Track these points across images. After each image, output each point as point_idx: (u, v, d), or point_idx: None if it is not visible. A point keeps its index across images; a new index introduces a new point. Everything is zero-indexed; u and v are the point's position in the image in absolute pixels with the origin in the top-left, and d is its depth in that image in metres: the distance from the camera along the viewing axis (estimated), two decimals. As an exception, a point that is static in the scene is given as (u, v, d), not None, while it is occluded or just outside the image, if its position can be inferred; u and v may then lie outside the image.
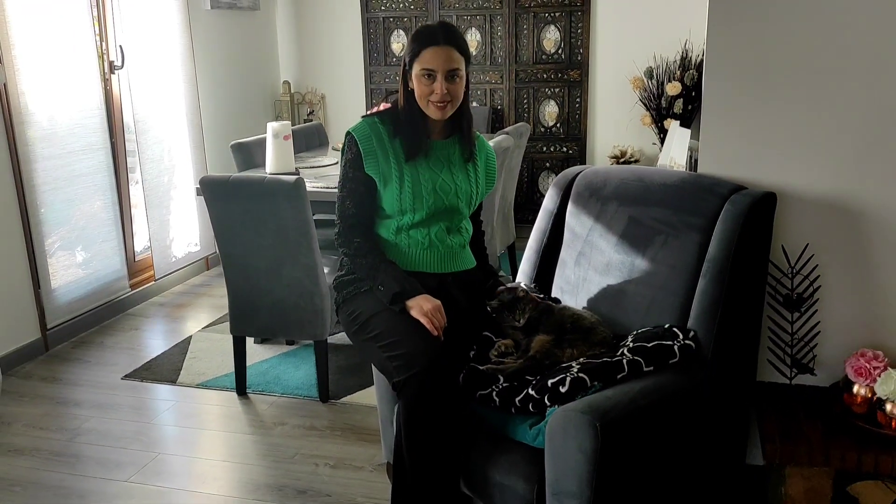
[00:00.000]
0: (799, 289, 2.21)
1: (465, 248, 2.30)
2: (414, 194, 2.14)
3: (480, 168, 2.29)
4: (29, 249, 3.60)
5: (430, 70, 2.07)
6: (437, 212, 2.18)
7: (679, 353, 1.98)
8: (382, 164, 2.15)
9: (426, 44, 2.08)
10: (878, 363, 2.07)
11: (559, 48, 5.26)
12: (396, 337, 1.98)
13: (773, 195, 2.12)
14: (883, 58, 2.06)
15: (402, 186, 2.14)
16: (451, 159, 2.22)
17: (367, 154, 2.14)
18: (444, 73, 2.07)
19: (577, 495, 1.74)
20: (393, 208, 2.17)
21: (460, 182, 2.21)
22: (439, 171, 2.19)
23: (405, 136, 2.15)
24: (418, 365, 1.89)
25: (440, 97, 2.09)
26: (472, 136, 2.25)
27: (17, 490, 2.60)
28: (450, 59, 2.07)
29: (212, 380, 3.38)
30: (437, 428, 1.90)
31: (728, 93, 2.20)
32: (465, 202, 2.24)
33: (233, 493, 2.57)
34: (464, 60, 2.12)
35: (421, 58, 2.08)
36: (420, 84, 2.10)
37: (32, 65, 3.55)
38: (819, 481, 2.03)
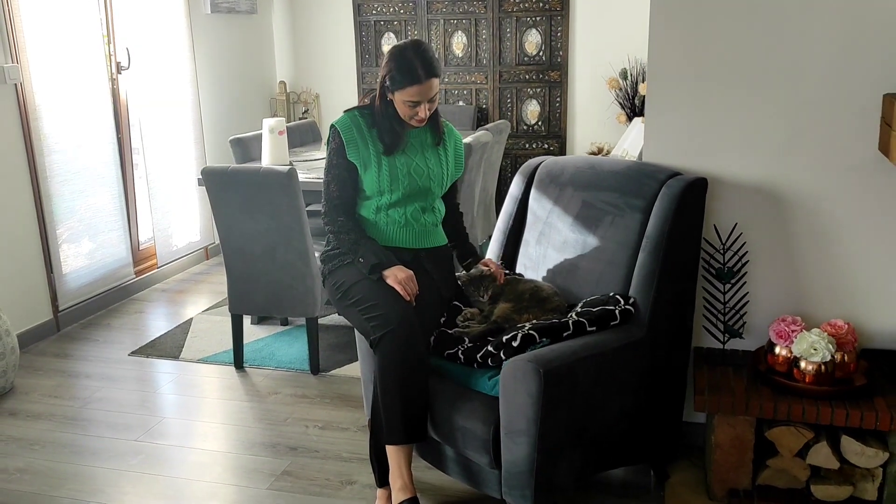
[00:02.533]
0: (729, 263, 2.51)
1: (437, 226, 2.57)
2: (391, 177, 2.41)
3: (450, 153, 2.55)
4: (42, 237, 3.89)
5: (415, 102, 2.34)
6: (412, 192, 2.44)
7: (620, 316, 2.28)
8: (363, 151, 2.41)
9: (411, 82, 2.31)
10: (796, 327, 2.36)
11: (540, 50, 5.57)
12: (373, 301, 2.28)
13: (704, 180, 2.41)
14: (803, 60, 2.35)
15: (381, 170, 2.41)
16: (424, 144, 2.48)
17: (349, 143, 2.41)
18: (425, 101, 2.35)
19: (525, 433, 2.03)
20: (373, 190, 2.43)
21: (432, 165, 2.48)
22: (413, 156, 2.45)
23: (384, 133, 2.41)
24: (392, 323, 2.19)
25: (422, 119, 2.38)
26: (441, 124, 2.52)
27: (37, 448, 2.88)
28: (430, 89, 2.34)
29: (211, 356, 3.67)
30: (407, 376, 2.19)
31: (668, 91, 2.50)
32: (437, 183, 2.50)
33: (231, 450, 2.86)
34: (438, 79, 2.37)
35: (405, 92, 2.32)
36: (404, 108, 2.36)
37: (45, 65, 3.84)
38: (742, 429, 2.32)
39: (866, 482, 2.31)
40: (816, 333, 2.29)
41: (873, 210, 2.39)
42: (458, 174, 2.61)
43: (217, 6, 5.11)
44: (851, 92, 2.33)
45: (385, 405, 2.20)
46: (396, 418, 2.19)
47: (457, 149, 2.59)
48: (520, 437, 2.05)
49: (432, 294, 2.46)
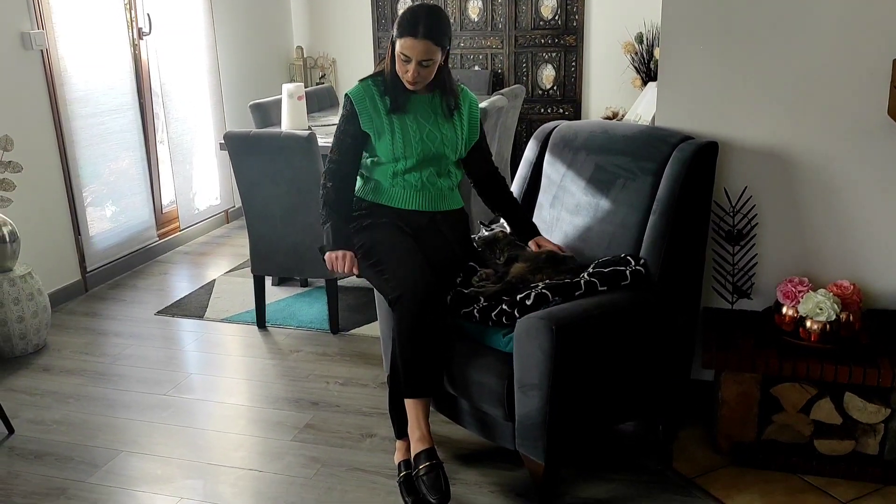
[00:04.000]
0: (739, 225, 2.57)
1: (453, 190, 2.63)
2: (405, 143, 2.45)
3: (465, 118, 2.55)
4: (70, 200, 4.00)
5: (406, 56, 2.35)
6: (427, 158, 2.48)
7: (630, 276, 2.35)
8: (375, 119, 2.45)
9: (407, 33, 2.32)
10: (803, 287, 2.43)
11: (556, 15, 5.57)
12: (392, 263, 2.37)
13: (714, 144, 2.47)
14: (814, 25, 2.39)
15: (394, 137, 2.44)
16: (436, 111, 2.50)
17: (362, 112, 2.45)
18: (417, 61, 2.34)
19: (538, 387, 2.13)
20: (388, 156, 2.47)
21: (446, 131, 2.50)
22: (426, 122, 2.48)
23: (391, 90, 2.44)
24: (408, 282, 2.28)
25: (412, 79, 2.38)
26: (452, 91, 2.51)
27: (72, 401, 3.02)
28: (425, 51, 2.33)
29: (235, 315, 3.79)
30: (423, 334, 2.28)
31: (680, 57, 2.55)
32: (451, 149, 2.52)
33: (256, 404, 2.99)
34: (439, 50, 2.37)
35: (401, 43, 2.34)
36: (398, 62, 2.38)
37: (70, 32, 3.92)
38: (748, 386, 2.41)
39: (868, 437, 2.39)
40: (822, 294, 2.36)
41: (881, 174, 2.44)
42: (475, 138, 2.62)
43: (235, -29, 5.14)
44: (861, 57, 2.36)
45: (404, 361, 2.30)
46: (414, 373, 2.29)
47: (472, 112, 2.60)
48: (533, 391, 2.14)
49: (448, 256, 2.54)
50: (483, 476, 2.48)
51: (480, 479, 2.47)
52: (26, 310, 3.35)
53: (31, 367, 3.31)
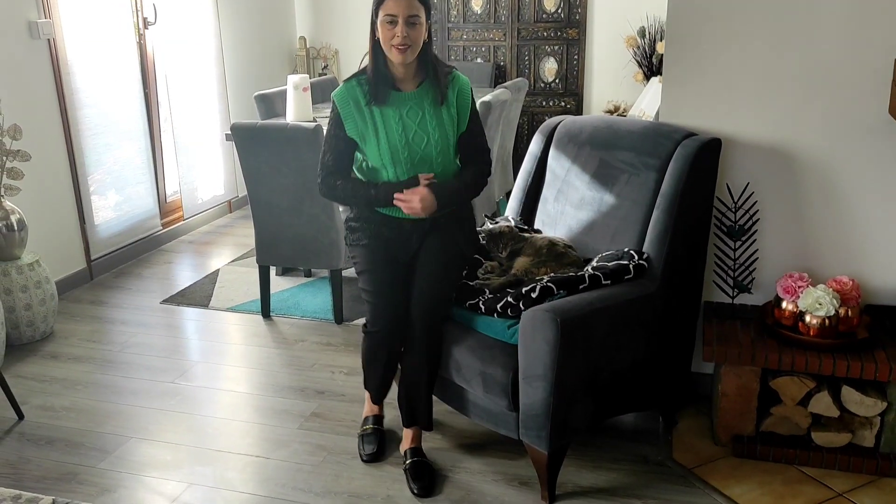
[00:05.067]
0: (741, 221, 2.61)
1: None
2: (391, 149, 2.37)
3: (453, 109, 2.44)
4: (75, 189, 4.03)
5: (392, 16, 2.28)
6: (416, 163, 2.40)
7: (633, 270, 2.39)
8: (360, 124, 2.39)
9: None
10: (803, 283, 2.48)
11: (559, 7, 5.59)
12: (371, 296, 2.46)
13: (718, 140, 2.50)
14: (817, 23, 2.42)
15: (379, 143, 2.38)
16: (425, 107, 2.40)
17: (346, 118, 2.40)
18: (404, 18, 2.27)
19: (542, 378, 2.17)
20: (377, 162, 2.41)
21: (433, 130, 2.40)
22: (413, 122, 2.39)
23: (371, 87, 2.38)
24: (378, 325, 2.45)
25: (401, 40, 2.28)
26: (443, 78, 2.42)
27: (80, 388, 3.06)
28: (410, 5, 2.28)
29: (239, 305, 3.83)
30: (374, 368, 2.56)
31: (684, 55, 2.58)
32: (442, 149, 2.42)
33: (262, 392, 3.03)
34: (423, 9, 2.31)
35: (384, 5, 2.29)
36: (384, 30, 2.30)
37: (76, 22, 3.94)
38: (748, 378, 2.46)
39: (865, 430, 2.44)
40: (822, 289, 2.40)
41: (881, 171, 2.48)
42: (461, 129, 2.47)
43: (239, -39, 5.15)
44: (864, 56, 2.40)
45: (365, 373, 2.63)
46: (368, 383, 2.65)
47: (461, 95, 2.45)
48: (537, 381, 2.19)
49: (454, 254, 2.53)
50: (487, 465, 2.53)
51: (484, 468, 2.51)
52: (34, 297, 3.39)
53: (39, 354, 3.35)
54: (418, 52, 2.36)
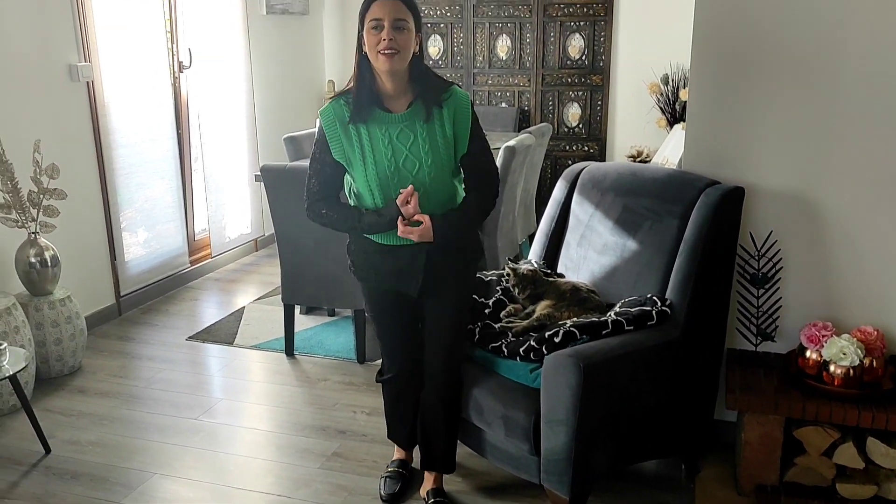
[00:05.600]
0: (764, 269, 2.62)
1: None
2: (379, 176, 2.19)
3: (448, 122, 2.22)
4: (108, 226, 4.12)
5: (377, 20, 2.12)
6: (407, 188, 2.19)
7: (656, 317, 2.41)
8: (346, 146, 2.21)
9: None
10: (827, 332, 2.47)
11: (583, 54, 5.68)
12: (383, 341, 2.54)
13: (741, 189, 2.53)
14: (841, 74, 2.45)
15: (367, 171, 2.20)
16: (417, 129, 2.21)
17: (332, 140, 2.22)
18: (390, 21, 2.11)
19: (564, 423, 2.18)
20: (364, 188, 2.23)
21: (425, 154, 2.20)
22: (404, 146, 2.20)
23: (354, 104, 2.20)
24: (392, 371, 2.54)
25: (387, 44, 2.11)
26: (434, 97, 2.22)
27: (106, 423, 3.11)
28: (396, 9, 2.12)
29: (264, 343, 3.87)
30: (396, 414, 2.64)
31: (707, 104, 2.62)
32: (436, 175, 2.21)
33: (284, 431, 3.05)
34: (411, 15, 2.16)
35: (370, 11, 2.14)
36: (370, 37, 2.14)
37: (114, 64, 4.07)
38: (771, 427, 2.44)
39: (891, 482, 2.41)
40: (846, 339, 2.40)
41: (905, 222, 2.49)
42: (461, 150, 2.25)
43: (272, 7, 5.32)
44: (887, 106, 2.43)
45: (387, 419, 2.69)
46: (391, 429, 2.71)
47: (460, 116, 2.24)
48: (559, 426, 2.19)
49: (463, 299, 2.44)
50: (507, 509, 2.52)
51: (505, 512, 2.51)
52: (64, 332, 3.46)
53: (67, 388, 3.41)
54: (407, 60, 2.17)
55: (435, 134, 2.22)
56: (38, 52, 3.63)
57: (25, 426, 2.95)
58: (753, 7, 2.49)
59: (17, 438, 2.98)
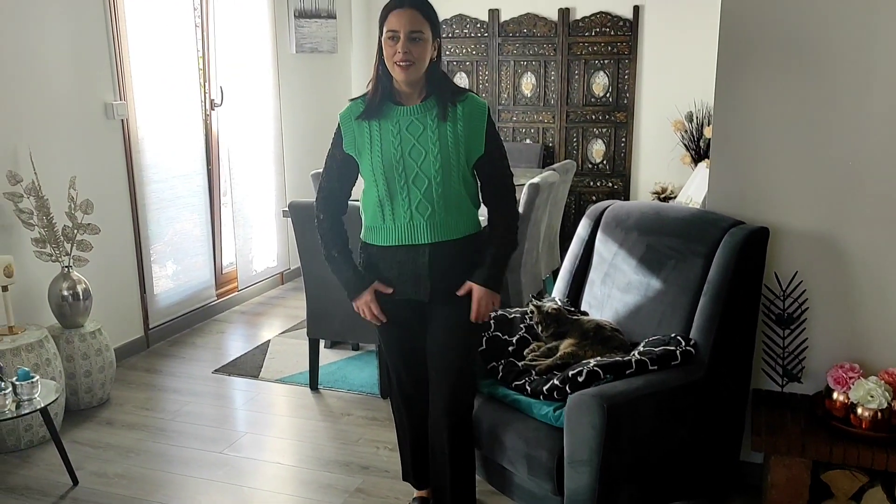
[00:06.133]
0: (789, 309, 2.61)
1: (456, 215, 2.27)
2: (384, 161, 2.21)
3: (460, 121, 2.23)
4: (139, 260, 4.21)
5: (393, 31, 2.15)
6: (412, 179, 2.21)
7: (680, 357, 2.41)
8: (357, 138, 2.26)
9: (391, 8, 2.17)
10: (854, 374, 2.45)
11: (607, 92, 5.73)
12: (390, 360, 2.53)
13: (766, 229, 2.53)
14: (865, 115, 2.46)
15: (373, 154, 2.23)
16: (427, 122, 2.22)
17: (346, 133, 2.29)
18: (406, 34, 2.14)
19: (587, 463, 2.18)
20: (369, 177, 2.26)
21: (433, 145, 2.20)
22: (413, 136, 2.22)
23: (368, 102, 2.25)
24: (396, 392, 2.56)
25: (402, 56, 2.14)
26: (448, 96, 2.24)
27: (132, 456, 3.14)
28: (412, 20, 2.14)
29: (288, 376, 3.90)
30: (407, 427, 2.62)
31: (731, 144, 2.64)
32: (442, 166, 2.21)
33: (308, 466, 3.06)
34: (428, 25, 2.17)
35: (387, 21, 2.17)
36: (386, 46, 2.17)
37: (148, 103, 4.19)
38: (798, 470, 2.41)
39: (922, 528, 2.37)
40: (874, 381, 2.37)
41: (933, 263, 2.47)
42: (478, 151, 2.26)
43: (301, 46, 5.44)
44: (912, 149, 2.43)
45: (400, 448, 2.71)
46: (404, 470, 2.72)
47: (473, 118, 2.24)
48: (582, 466, 2.19)
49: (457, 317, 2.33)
50: (530, 549, 2.50)
51: (527, 552, 2.49)
52: (93, 364, 3.52)
53: (95, 420, 3.46)
54: (423, 70, 2.21)
55: (445, 128, 2.22)
56: (75, 92, 3.75)
57: (54, 458, 2.99)
58: (777, 47, 2.52)
59: (45, 470, 3.03)
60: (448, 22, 6.05)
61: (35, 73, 3.53)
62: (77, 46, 3.74)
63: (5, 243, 3.41)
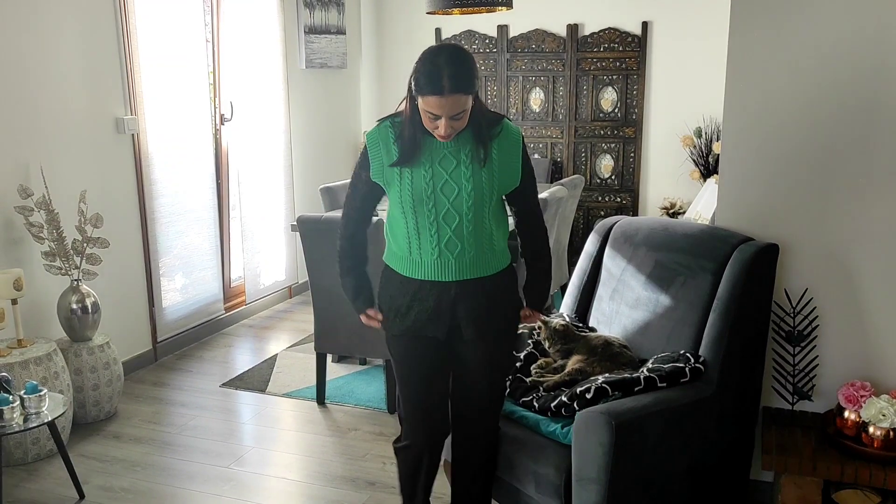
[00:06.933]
0: (800, 327, 2.59)
1: (486, 252, 2.20)
2: (414, 197, 2.11)
3: (497, 160, 2.14)
4: (147, 273, 4.22)
5: (433, 115, 2.03)
6: (443, 215, 2.12)
7: (689, 374, 2.39)
8: (386, 169, 2.14)
9: (429, 91, 1.99)
10: (865, 392, 2.43)
11: (616, 107, 5.73)
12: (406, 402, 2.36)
13: (775, 246, 2.52)
14: (875, 130, 2.45)
15: (402, 186, 2.12)
16: (461, 157, 2.12)
17: (374, 160, 2.15)
18: (448, 117, 2.02)
19: (596, 481, 2.16)
20: (398, 210, 2.16)
21: (466, 181, 2.11)
22: (446, 171, 2.11)
23: (402, 139, 2.12)
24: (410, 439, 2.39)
25: (444, 134, 2.05)
26: (485, 132, 2.12)
27: (138, 470, 3.14)
28: (455, 105, 2.00)
29: (295, 391, 3.90)
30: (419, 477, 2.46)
31: (740, 160, 2.63)
32: (475, 203, 2.12)
33: (314, 481, 3.05)
34: (470, 97, 2.03)
35: (426, 100, 2.01)
36: (425, 117, 2.05)
37: (158, 117, 4.21)
38: (809, 490, 2.39)
39: (935, 550, 2.33)
40: (885, 400, 2.35)
41: (944, 281, 2.45)
42: (513, 184, 2.19)
43: (311, 62, 5.47)
44: (923, 166, 2.41)
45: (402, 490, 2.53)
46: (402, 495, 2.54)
47: (508, 150, 2.17)
48: (591, 484, 2.17)
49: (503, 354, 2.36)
50: (537, 568, 2.48)
51: (535, 571, 2.47)
52: (101, 378, 3.52)
53: (102, 433, 3.45)
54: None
55: (481, 169, 2.13)
56: (87, 106, 3.78)
57: (61, 471, 2.99)
58: (788, 62, 2.51)
59: (52, 483, 3.02)
60: (457, 37, 6.08)
61: (47, 88, 3.56)
62: (89, 61, 3.77)
63: (15, 257, 3.43)
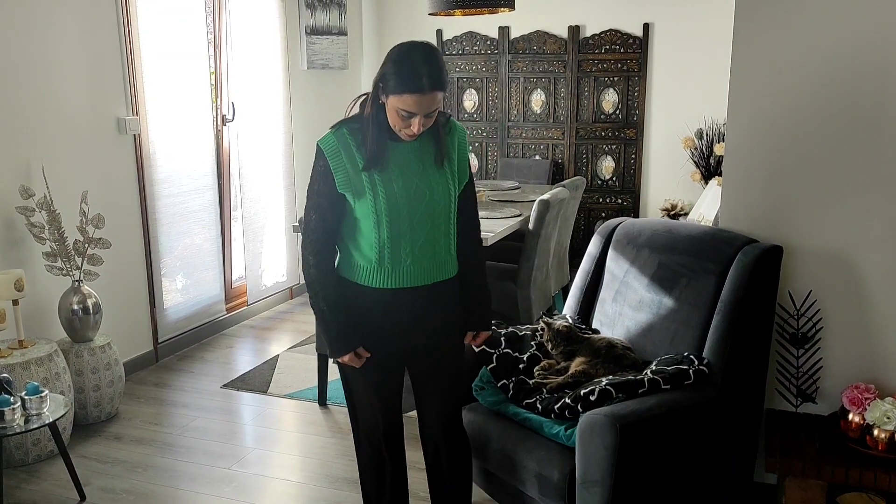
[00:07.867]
0: (804, 329, 2.58)
1: (451, 255, 2.21)
2: (388, 206, 2.05)
3: (454, 162, 2.15)
4: (149, 274, 4.21)
5: (408, 112, 1.99)
6: (416, 222, 2.09)
7: (693, 376, 2.38)
8: (353, 178, 2.06)
9: (411, 90, 1.96)
10: (870, 394, 2.42)
11: (617, 109, 5.73)
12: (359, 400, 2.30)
13: (779, 248, 2.51)
14: (880, 132, 2.45)
15: (377, 199, 2.05)
16: (425, 160, 2.11)
17: (337, 169, 2.06)
18: (422, 115, 2.00)
19: (600, 483, 2.15)
20: (369, 221, 2.07)
21: (435, 184, 2.11)
22: (413, 176, 2.08)
23: (367, 142, 2.06)
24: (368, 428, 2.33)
25: (417, 132, 2.02)
26: (443, 131, 2.12)
27: (140, 471, 3.13)
28: (431, 103, 1.99)
29: (297, 392, 3.89)
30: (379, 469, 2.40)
31: (744, 162, 2.62)
32: (444, 205, 2.13)
33: (315, 482, 3.04)
34: (442, 92, 2.01)
35: (402, 99, 1.97)
36: (396, 117, 2.01)
37: (160, 118, 4.21)
38: (813, 493, 2.38)
39: (940, 553, 2.33)
40: (890, 402, 2.34)
41: (949, 283, 2.45)
42: (465, 179, 2.20)
43: (312, 63, 5.47)
44: (927, 168, 2.41)
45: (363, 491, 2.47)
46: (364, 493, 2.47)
47: (460, 148, 2.17)
48: (595, 487, 2.16)
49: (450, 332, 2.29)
50: (540, 571, 2.47)
51: (538, 573, 2.46)
52: (103, 379, 3.51)
53: (104, 434, 3.44)
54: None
55: (444, 170, 2.13)
56: (89, 107, 3.77)
57: (62, 472, 2.98)
58: (793, 63, 2.51)
59: (53, 485, 3.01)
60: (458, 39, 6.07)
61: (49, 89, 3.56)
62: (91, 62, 3.76)
63: (16, 257, 3.42)
